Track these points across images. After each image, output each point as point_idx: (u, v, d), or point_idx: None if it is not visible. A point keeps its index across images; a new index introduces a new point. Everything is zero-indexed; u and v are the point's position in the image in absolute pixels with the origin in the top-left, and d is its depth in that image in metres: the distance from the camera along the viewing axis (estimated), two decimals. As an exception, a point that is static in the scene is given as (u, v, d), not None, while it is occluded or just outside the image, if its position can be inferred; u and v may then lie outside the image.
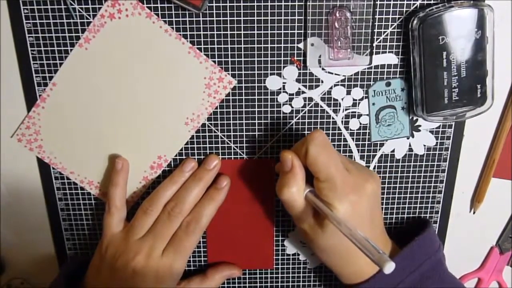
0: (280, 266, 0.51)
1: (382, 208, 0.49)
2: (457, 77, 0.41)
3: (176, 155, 0.46)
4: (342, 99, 0.44)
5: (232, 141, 0.46)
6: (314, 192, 0.39)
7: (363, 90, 0.44)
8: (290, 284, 0.52)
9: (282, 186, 0.39)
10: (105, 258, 0.45)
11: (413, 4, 0.41)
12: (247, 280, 0.51)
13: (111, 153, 0.46)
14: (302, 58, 0.43)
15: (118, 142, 0.46)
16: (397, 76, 0.44)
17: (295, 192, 0.39)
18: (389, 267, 0.31)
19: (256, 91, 0.44)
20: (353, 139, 0.46)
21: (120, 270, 0.43)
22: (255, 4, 0.41)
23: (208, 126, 0.45)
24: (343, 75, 0.44)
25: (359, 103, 0.45)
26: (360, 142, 0.46)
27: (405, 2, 0.41)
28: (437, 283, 0.43)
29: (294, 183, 0.39)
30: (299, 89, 0.44)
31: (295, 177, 0.39)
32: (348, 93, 0.44)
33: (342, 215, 0.37)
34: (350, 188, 0.38)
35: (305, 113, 0.45)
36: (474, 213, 0.50)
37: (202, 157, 0.46)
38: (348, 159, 0.42)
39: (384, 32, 0.42)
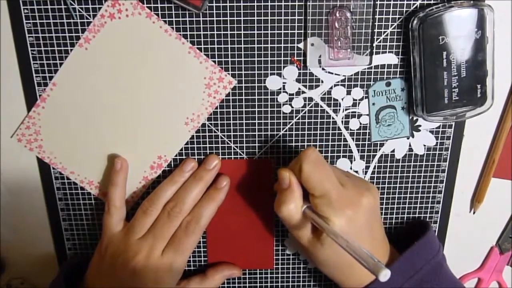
0: (280, 266, 0.51)
1: (382, 208, 0.49)
2: (457, 77, 0.41)
3: (176, 155, 0.46)
4: (342, 99, 0.44)
5: (232, 141, 0.46)
6: (312, 208, 0.40)
7: (363, 90, 0.44)
8: (290, 284, 0.52)
9: (280, 203, 0.40)
10: (105, 258, 0.45)
11: (413, 4, 0.41)
12: (247, 280, 0.51)
13: (111, 153, 0.46)
14: (302, 58, 0.43)
15: (118, 142, 0.46)
16: (397, 76, 0.44)
17: (293, 209, 0.40)
18: (384, 275, 0.32)
19: (256, 91, 0.44)
20: (353, 139, 0.46)
21: (120, 269, 0.43)
22: (255, 4, 0.41)
23: (208, 126, 0.45)
24: (343, 75, 0.44)
25: (359, 103, 0.45)
26: (360, 142, 0.46)
27: (405, 2, 0.41)
28: (436, 286, 0.43)
29: (292, 200, 0.40)
30: (299, 89, 0.44)
31: (293, 194, 0.40)
32: (348, 93, 0.44)
33: (339, 228, 0.38)
34: (346, 203, 0.39)
35: (305, 113, 0.45)
36: (474, 213, 0.50)
37: (202, 157, 0.46)
38: (345, 173, 0.43)
39: (384, 32, 0.42)
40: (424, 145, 0.46)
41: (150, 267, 0.43)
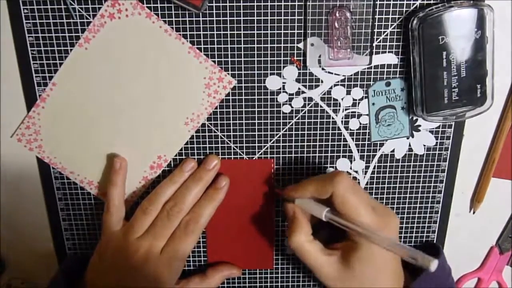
0: (280, 266, 0.51)
1: (382, 208, 0.49)
2: (457, 77, 0.41)
3: (176, 155, 0.46)
4: (342, 99, 0.44)
5: (232, 141, 0.46)
6: (332, 211, 0.40)
7: (363, 90, 0.44)
8: (290, 284, 0.52)
9: (289, 234, 0.41)
10: (104, 257, 0.45)
11: (413, 4, 0.41)
12: (247, 280, 0.51)
13: (111, 153, 0.46)
14: (302, 58, 0.43)
15: (118, 142, 0.46)
16: (397, 76, 0.44)
17: (303, 238, 0.41)
18: (434, 265, 0.33)
19: (256, 91, 0.44)
20: (353, 139, 0.46)
21: (119, 268, 0.43)
22: (255, 4, 0.41)
23: (208, 126, 0.45)
24: (343, 75, 0.44)
25: (359, 103, 0.45)
26: (360, 142, 0.46)
27: (405, 2, 0.41)
28: None
29: (299, 230, 0.41)
30: (299, 89, 0.44)
31: (300, 224, 0.41)
32: (348, 93, 0.44)
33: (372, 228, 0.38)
34: (379, 226, 0.39)
35: (305, 113, 0.45)
36: (474, 213, 0.50)
37: (202, 157, 0.46)
38: (370, 196, 0.42)
39: (384, 32, 0.42)
40: (424, 145, 0.46)
41: (149, 266, 0.43)
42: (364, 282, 0.39)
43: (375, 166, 0.47)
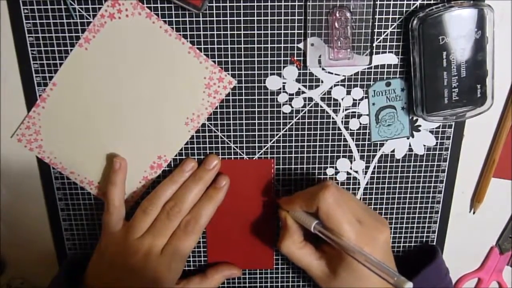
0: (280, 266, 0.51)
1: (382, 208, 0.49)
2: (457, 77, 0.41)
3: (176, 155, 0.46)
4: (342, 99, 0.44)
5: (232, 141, 0.46)
6: (321, 224, 0.40)
7: (363, 90, 0.44)
8: (290, 284, 0.52)
9: (279, 241, 0.43)
10: (104, 257, 0.45)
11: (413, 4, 0.41)
12: (247, 280, 0.51)
13: (111, 153, 0.46)
14: (302, 58, 0.43)
15: (118, 142, 0.46)
16: (397, 76, 0.44)
17: (291, 246, 0.43)
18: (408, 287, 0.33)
19: (256, 91, 0.44)
20: (353, 139, 0.46)
21: (119, 268, 0.43)
22: (255, 4, 0.41)
23: (208, 126, 0.45)
24: (343, 75, 0.44)
25: (359, 103, 0.45)
26: (360, 142, 0.46)
27: (405, 2, 0.41)
28: None
29: (288, 238, 0.43)
30: (299, 89, 0.44)
31: (288, 232, 0.43)
32: (348, 93, 0.44)
33: (354, 243, 0.38)
34: (364, 241, 0.39)
35: (305, 113, 0.45)
36: (474, 213, 0.50)
37: (202, 157, 0.46)
38: (360, 206, 0.42)
39: (384, 32, 0.42)
40: (424, 145, 0.46)
41: (149, 266, 0.43)
42: None
43: (375, 166, 0.47)
